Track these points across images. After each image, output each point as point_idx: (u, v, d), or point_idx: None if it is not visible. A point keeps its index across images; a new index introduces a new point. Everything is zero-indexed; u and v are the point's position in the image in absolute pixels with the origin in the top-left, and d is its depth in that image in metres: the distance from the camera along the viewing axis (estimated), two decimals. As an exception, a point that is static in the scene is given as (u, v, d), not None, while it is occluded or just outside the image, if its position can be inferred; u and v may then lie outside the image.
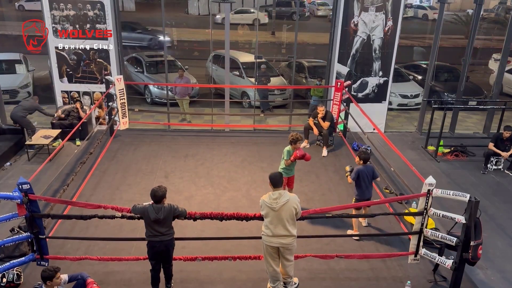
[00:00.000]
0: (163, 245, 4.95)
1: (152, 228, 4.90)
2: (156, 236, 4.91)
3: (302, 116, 11.58)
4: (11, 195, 5.05)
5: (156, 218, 4.82)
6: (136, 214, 5.00)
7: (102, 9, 9.55)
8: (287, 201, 4.82)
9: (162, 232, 4.90)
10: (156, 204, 4.87)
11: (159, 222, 4.86)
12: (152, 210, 4.83)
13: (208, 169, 8.47)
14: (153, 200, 4.88)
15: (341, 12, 10.01)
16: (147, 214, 4.84)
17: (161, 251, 5.00)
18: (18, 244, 5.74)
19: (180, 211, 5.01)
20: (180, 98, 11.57)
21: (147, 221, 4.90)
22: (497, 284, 5.81)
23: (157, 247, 4.96)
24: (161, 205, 4.87)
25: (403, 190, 7.70)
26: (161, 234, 4.90)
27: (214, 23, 11.99)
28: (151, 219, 4.83)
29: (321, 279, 5.60)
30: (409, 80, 13.88)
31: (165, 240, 4.94)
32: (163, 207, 4.86)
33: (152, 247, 4.99)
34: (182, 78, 11.38)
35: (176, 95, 11.58)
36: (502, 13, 23.34)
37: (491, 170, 9.04)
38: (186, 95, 11.66)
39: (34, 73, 13.42)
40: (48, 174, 7.70)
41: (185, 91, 11.56)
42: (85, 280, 4.83)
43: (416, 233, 5.50)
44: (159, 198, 4.86)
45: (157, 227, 4.88)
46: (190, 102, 12.03)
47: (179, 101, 11.70)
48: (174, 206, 4.97)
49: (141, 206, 4.95)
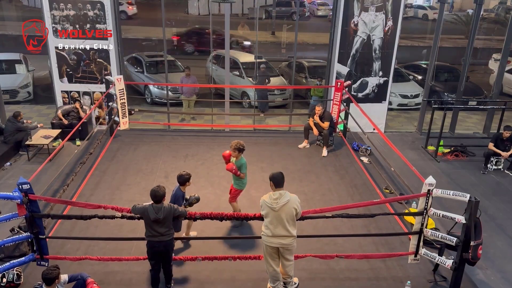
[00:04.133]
0: (162, 245, 4.96)
1: (152, 228, 4.90)
2: (155, 237, 4.92)
3: (302, 116, 11.58)
4: (11, 195, 5.05)
5: (155, 218, 4.82)
6: (136, 214, 5.01)
7: (102, 9, 9.55)
8: (287, 201, 4.81)
9: (162, 233, 4.91)
10: (156, 204, 4.88)
11: (159, 222, 4.86)
12: (152, 210, 4.84)
13: (208, 169, 8.46)
14: (153, 200, 4.88)
15: (341, 12, 10.01)
16: (147, 214, 4.85)
17: (160, 251, 5.01)
18: (18, 244, 5.74)
19: (180, 212, 5.02)
20: (187, 97, 11.54)
21: (146, 221, 4.90)
22: (497, 284, 5.81)
23: (156, 247, 4.97)
24: (161, 205, 4.88)
25: (403, 190, 7.70)
26: (160, 235, 4.91)
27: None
28: (151, 219, 4.84)
29: (321, 279, 5.60)
30: (409, 80, 13.88)
31: (164, 241, 4.94)
32: (163, 207, 4.87)
33: (151, 247, 5.00)
34: (189, 77, 11.34)
35: (183, 94, 11.57)
36: (502, 13, 23.34)
37: (491, 170, 9.04)
38: (193, 94, 11.64)
39: (34, 73, 13.42)
40: (48, 174, 7.70)
41: (192, 90, 11.54)
42: (85, 280, 4.83)
43: (416, 233, 5.50)
44: (159, 198, 4.87)
45: (157, 227, 4.88)
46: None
47: (185, 101, 11.66)
48: (174, 206, 4.98)
49: (141, 206, 4.95)
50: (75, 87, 10.22)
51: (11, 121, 8.98)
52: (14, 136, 8.91)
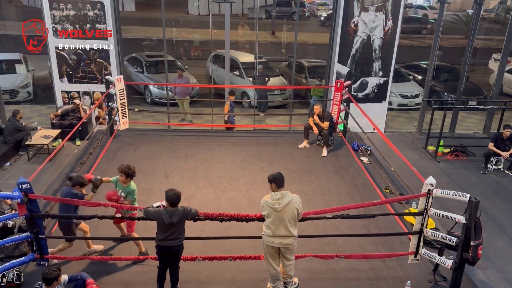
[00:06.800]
0: (173, 250, 4.92)
1: (164, 231, 4.83)
2: (166, 241, 4.86)
3: (302, 116, 11.58)
4: (11, 195, 5.05)
5: (170, 222, 4.76)
6: (150, 218, 4.92)
7: (102, 9, 9.55)
8: (289, 202, 4.80)
9: (174, 237, 4.84)
10: (170, 207, 4.80)
11: (173, 226, 4.80)
12: (166, 214, 4.76)
13: (208, 169, 8.46)
14: (170, 205, 4.79)
15: (341, 12, 10.01)
16: (161, 218, 4.77)
17: (170, 255, 4.98)
18: (18, 244, 5.74)
19: (193, 213, 4.96)
20: (180, 98, 11.57)
21: (160, 225, 4.83)
22: (497, 284, 5.81)
23: (166, 251, 4.93)
24: (175, 208, 4.80)
25: (403, 190, 7.70)
26: (172, 239, 4.85)
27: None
28: (165, 223, 4.76)
29: (321, 279, 5.60)
30: (409, 80, 13.88)
31: (175, 246, 4.89)
32: (177, 210, 4.79)
33: (160, 250, 4.97)
34: (181, 78, 11.39)
35: (176, 95, 11.58)
36: (502, 13, 23.34)
37: (491, 170, 9.04)
38: (186, 95, 11.66)
39: (34, 73, 13.42)
40: (48, 174, 7.69)
41: (185, 91, 11.57)
42: (85, 280, 4.83)
43: (416, 233, 5.49)
44: (176, 202, 4.79)
45: (171, 231, 4.81)
46: (190, 102, 12.04)
47: (179, 101, 11.70)
48: (187, 208, 4.89)
49: (154, 210, 4.86)
50: (75, 87, 10.21)
51: (10, 120, 8.99)
52: (13, 136, 8.92)
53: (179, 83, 11.35)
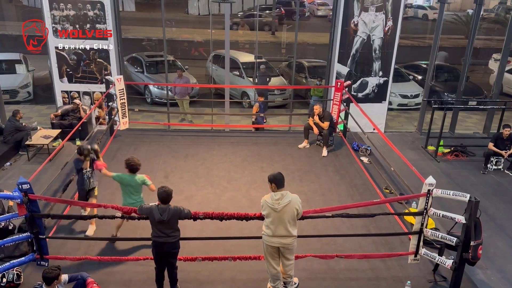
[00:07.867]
0: (167, 246, 4.92)
1: (157, 229, 4.88)
2: (160, 237, 4.88)
3: (302, 116, 11.58)
4: (11, 195, 5.06)
5: (160, 219, 4.80)
6: (143, 215, 4.99)
7: (102, 9, 9.55)
8: (289, 202, 4.80)
9: (167, 234, 4.87)
10: (162, 205, 4.85)
11: (163, 223, 4.83)
12: (157, 211, 4.81)
13: (208, 169, 8.46)
14: (161, 202, 4.85)
15: (341, 12, 10.01)
16: (152, 215, 4.83)
17: (165, 252, 4.98)
18: (18, 244, 5.73)
19: (185, 213, 4.97)
20: (180, 98, 11.58)
21: (152, 221, 4.88)
22: (497, 284, 5.81)
23: (161, 247, 4.94)
24: (166, 206, 4.84)
25: (403, 190, 7.69)
26: (166, 236, 4.87)
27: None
28: (156, 220, 4.82)
29: (321, 279, 5.60)
30: (409, 80, 13.88)
31: (169, 242, 4.90)
32: (168, 208, 4.83)
33: (155, 247, 4.98)
34: (181, 78, 11.39)
35: (176, 95, 11.58)
36: (502, 13, 23.34)
37: (491, 170, 9.04)
38: (186, 95, 11.67)
39: (34, 73, 13.43)
40: (48, 174, 7.69)
41: (184, 91, 11.57)
42: (85, 280, 4.83)
43: (416, 233, 5.49)
44: (166, 200, 4.85)
45: (162, 228, 4.85)
46: (190, 102, 12.04)
47: (179, 101, 11.70)
48: (180, 208, 4.92)
49: (147, 207, 4.94)
50: (75, 87, 10.22)
51: (10, 120, 8.99)
52: (13, 136, 8.92)
53: (179, 83, 11.35)
